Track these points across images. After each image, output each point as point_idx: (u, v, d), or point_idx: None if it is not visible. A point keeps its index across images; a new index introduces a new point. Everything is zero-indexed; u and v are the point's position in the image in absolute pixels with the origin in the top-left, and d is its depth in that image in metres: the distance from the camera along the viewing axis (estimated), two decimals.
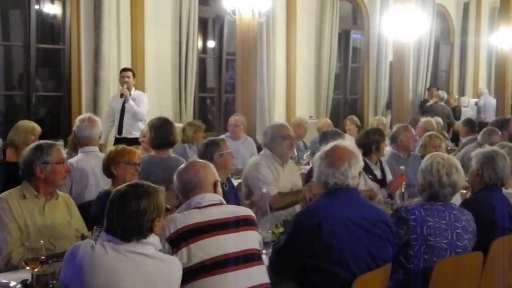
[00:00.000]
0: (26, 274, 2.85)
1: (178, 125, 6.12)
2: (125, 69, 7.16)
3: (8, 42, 7.67)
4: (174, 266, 2.61)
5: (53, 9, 7.59)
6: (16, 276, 2.92)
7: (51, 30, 7.73)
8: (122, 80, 7.00)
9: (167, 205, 2.85)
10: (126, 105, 6.94)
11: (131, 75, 7.04)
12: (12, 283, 2.77)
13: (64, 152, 3.61)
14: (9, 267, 3.24)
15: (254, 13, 7.04)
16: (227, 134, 6.71)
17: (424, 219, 3.10)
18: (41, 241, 3.02)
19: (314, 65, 10.40)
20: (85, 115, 5.11)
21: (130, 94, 6.91)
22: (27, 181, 3.43)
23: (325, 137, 5.14)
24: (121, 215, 2.46)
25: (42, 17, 7.49)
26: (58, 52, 7.43)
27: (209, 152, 4.11)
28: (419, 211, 3.13)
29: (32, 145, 3.54)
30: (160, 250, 2.61)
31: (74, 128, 4.75)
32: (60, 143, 4.09)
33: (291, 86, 10.09)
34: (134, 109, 6.91)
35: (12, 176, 4.12)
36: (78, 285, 2.42)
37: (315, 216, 2.89)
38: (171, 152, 4.72)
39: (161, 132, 4.66)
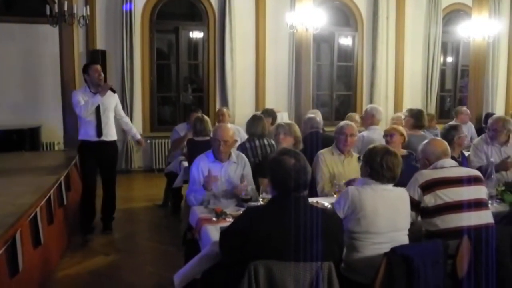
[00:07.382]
0: (332, 199, 3.44)
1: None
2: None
3: None
4: (404, 193, 2.93)
5: None
6: (328, 200, 3.52)
7: None
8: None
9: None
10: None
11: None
12: (326, 203, 3.38)
13: (356, 129, 4.32)
14: (322, 194, 3.96)
15: (484, 36, 8.65)
16: (453, 120, 7.36)
17: None
18: (342, 180, 3.65)
19: None
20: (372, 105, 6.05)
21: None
22: (335, 144, 4.23)
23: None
24: (376, 168, 2.86)
25: None
26: None
27: (451, 134, 4.48)
28: None
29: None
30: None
31: (369, 110, 5.64)
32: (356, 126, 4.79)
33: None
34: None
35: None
36: (353, 209, 2.79)
37: None
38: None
39: (418, 119, 5.42)
